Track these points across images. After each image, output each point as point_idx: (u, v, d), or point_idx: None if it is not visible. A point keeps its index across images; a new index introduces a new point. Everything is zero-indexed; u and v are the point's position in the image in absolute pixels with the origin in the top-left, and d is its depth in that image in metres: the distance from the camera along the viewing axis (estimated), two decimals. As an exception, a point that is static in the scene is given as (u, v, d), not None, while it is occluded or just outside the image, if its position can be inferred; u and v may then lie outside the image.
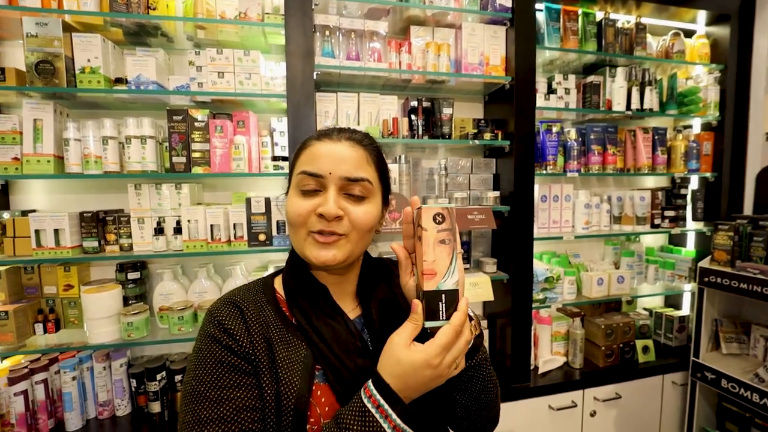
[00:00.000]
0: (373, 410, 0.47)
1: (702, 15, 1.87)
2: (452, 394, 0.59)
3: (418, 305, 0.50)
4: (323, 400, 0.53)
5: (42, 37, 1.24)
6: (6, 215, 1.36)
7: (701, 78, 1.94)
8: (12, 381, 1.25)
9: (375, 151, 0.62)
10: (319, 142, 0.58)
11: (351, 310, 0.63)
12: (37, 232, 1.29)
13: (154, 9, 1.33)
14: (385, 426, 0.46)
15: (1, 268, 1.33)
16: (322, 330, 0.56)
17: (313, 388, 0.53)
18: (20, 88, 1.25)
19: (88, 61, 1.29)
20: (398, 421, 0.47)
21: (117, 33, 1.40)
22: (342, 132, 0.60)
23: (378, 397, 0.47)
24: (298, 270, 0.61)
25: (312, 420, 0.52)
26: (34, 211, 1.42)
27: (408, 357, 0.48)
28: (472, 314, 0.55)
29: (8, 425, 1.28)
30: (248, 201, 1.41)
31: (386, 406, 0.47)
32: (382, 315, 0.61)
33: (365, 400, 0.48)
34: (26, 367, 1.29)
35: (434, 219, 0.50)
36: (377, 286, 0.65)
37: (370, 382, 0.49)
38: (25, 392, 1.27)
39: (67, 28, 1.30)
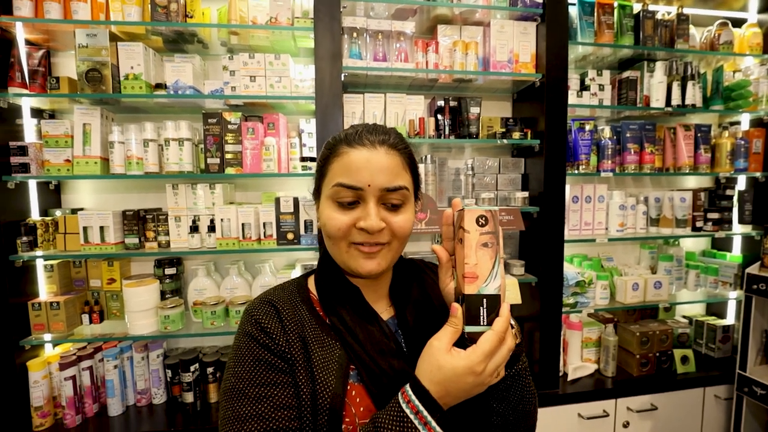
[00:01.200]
0: (411, 416, 0.46)
1: (754, 2, 1.75)
2: (489, 402, 0.58)
3: (457, 309, 0.49)
4: (358, 400, 0.53)
5: (92, 47, 1.33)
6: (58, 213, 1.46)
7: (751, 70, 1.80)
8: (63, 366, 1.35)
9: (408, 153, 0.59)
10: (352, 149, 0.55)
11: (384, 311, 0.63)
12: (84, 228, 1.39)
13: (192, 17, 1.40)
14: None
15: (54, 261, 1.44)
16: (356, 330, 0.56)
17: (348, 387, 0.53)
18: (72, 95, 1.35)
19: (132, 68, 1.37)
20: (437, 428, 0.46)
21: (157, 41, 1.48)
22: (374, 134, 0.56)
23: (417, 402, 0.47)
24: (331, 272, 0.61)
25: (347, 420, 0.52)
26: (82, 209, 1.52)
27: (450, 363, 0.47)
28: (512, 322, 0.54)
29: (59, 407, 1.38)
30: (277, 200, 1.45)
31: (425, 413, 0.46)
32: (416, 316, 0.61)
33: (403, 405, 0.47)
34: (74, 354, 1.39)
35: (477, 221, 0.49)
36: (410, 287, 0.64)
37: (408, 387, 0.48)
38: (73, 377, 1.36)
39: (113, 38, 1.39)
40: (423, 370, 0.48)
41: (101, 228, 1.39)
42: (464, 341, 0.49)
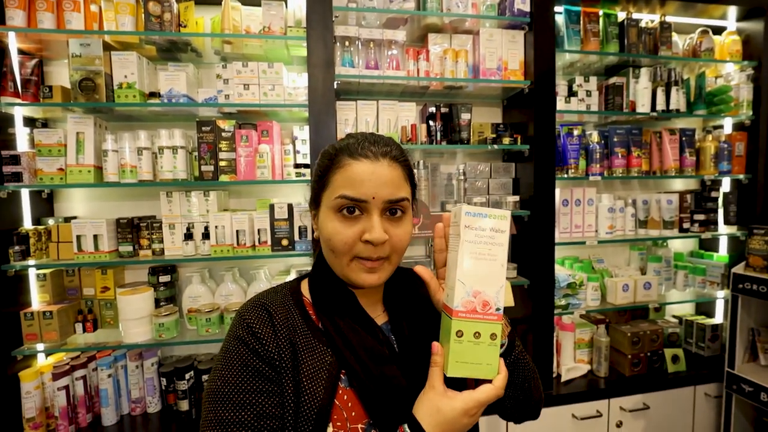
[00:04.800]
0: None
1: (732, 11, 1.80)
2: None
3: (437, 347, 0.52)
4: (350, 404, 0.54)
5: (85, 56, 1.34)
6: (51, 222, 1.46)
7: (732, 76, 1.86)
8: (56, 376, 1.34)
9: (408, 165, 0.60)
10: (356, 161, 0.55)
11: (377, 316, 0.63)
12: (78, 237, 1.39)
13: (185, 26, 1.41)
14: None
15: (46, 271, 1.43)
16: (349, 336, 0.56)
17: (339, 392, 0.54)
18: (66, 104, 1.35)
19: (125, 77, 1.38)
20: None
21: (151, 50, 1.49)
22: (377, 146, 0.57)
23: None
24: (326, 277, 0.61)
25: (339, 424, 0.53)
26: (75, 217, 1.52)
27: (449, 405, 0.50)
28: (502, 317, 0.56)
29: (52, 417, 1.36)
30: (272, 207, 1.46)
31: None
32: (410, 323, 0.62)
33: None
34: (67, 363, 1.38)
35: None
36: (404, 294, 0.66)
37: (406, 427, 0.50)
38: (66, 387, 1.35)
39: (107, 48, 1.39)
40: (422, 412, 0.51)
41: (95, 236, 1.39)
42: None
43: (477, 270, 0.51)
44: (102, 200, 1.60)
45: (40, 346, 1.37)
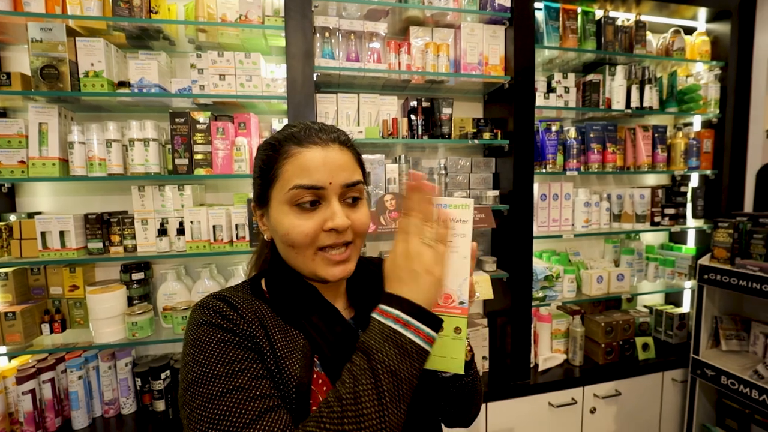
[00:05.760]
0: (392, 325, 0.47)
1: (702, 12, 1.87)
2: (439, 402, 0.65)
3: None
4: (324, 388, 0.52)
5: (46, 42, 1.26)
6: (12, 217, 1.38)
7: (702, 75, 1.93)
8: (20, 380, 1.27)
9: (356, 150, 0.60)
10: (305, 149, 0.53)
11: (342, 311, 0.62)
12: (42, 233, 1.32)
13: (156, 13, 1.35)
14: (404, 332, 0.46)
15: (8, 269, 1.36)
16: (318, 323, 0.55)
17: (314, 376, 0.52)
18: (25, 93, 1.27)
19: (92, 65, 1.30)
20: (413, 321, 0.47)
21: (120, 37, 1.42)
22: (324, 132, 0.55)
23: (386, 308, 0.47)
24: (284, 274, 0.59)
25: (315, 408, 0.51)
26: (39, 213, 1.44)
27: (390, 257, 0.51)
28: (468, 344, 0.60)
29: (17, 423, 1.30)
30: (249, 202, 1.42)
31: (389, 309, 0.47)
32: None
33: (379, 318, 0.48)
34: (33, 366, 1.32)
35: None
36: (367, 284, 0.65)
37: (376, 312, 0.49)
38: (32, 391, 1.29)
39: (71, 33, 1.31)
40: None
41: (61, 233, 1.33)
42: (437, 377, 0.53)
43: None
44: (69, 195, 1.53)
45: (2, 349, 1.30)
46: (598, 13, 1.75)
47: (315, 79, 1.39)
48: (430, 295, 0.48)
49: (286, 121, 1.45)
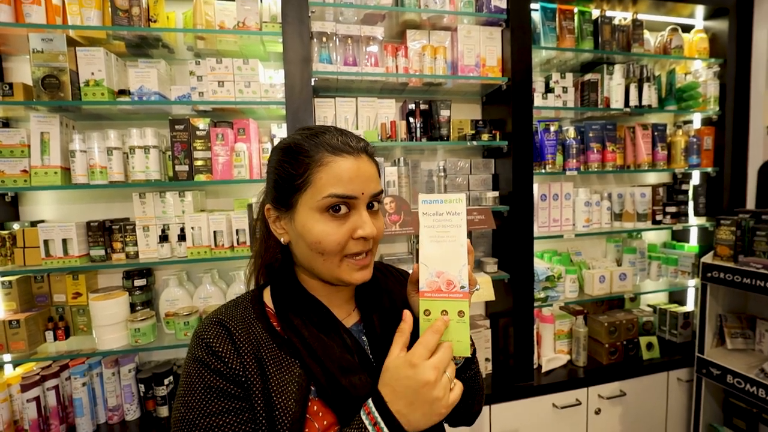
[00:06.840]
0: (367, 424, 0.49)
1: (700, 10, 1.86)
2: None
3: (407, 314, 0.54)
4: (320, 414, 0.53)
5: (48, 52, 1.27)
6: (16, 226, 1.39)
7: (700, 73, 1.93)
8: (24, 388, 1.28)
9: (375, 158, 0.62)
10: (339, 158, 0.54)
11: (347, 316, 0.63)
12: (45, 242, 1.33)
13: (155, 21, 1.36)
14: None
15: (12, 277, 1.37)
16: (315, 346, 0.54)
17: (309, 404, 0.53)
18: (27, 103, 1.29)
19: (92, 74, 1.32)
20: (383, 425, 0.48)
21: (119, 46, 1.43)
22: (354, 141, 0.57)
23: (373, 409, 0.49)
24: (288, 283, 0.60)
25: None
26: (42, 221, 1.45)
27: (392, 362, 0.50)
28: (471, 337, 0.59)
29: (22, 431, 1.31)
30: (250, 207, 1.43)
31: (377, 416, 0.48)
32: (383, 322, 0.62)
33: (363, 417, 0.49)
34: (38, 374, 1.33)
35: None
36: (375, 289, 0.65)
37: (370, 401, 0.50)
38: (37, 398, 1.30)
39: (72, 43, 1.33)
40: (384, 385, 0.51)
41: (64, 240, 1.34)
42: None
43: (437, 252, 0.54)
44: (71, 203, 1.54)
45: (6, 357, 1.31)
46: (595, 13, 1.75)
47: (313, 83, 1.40)
48: (410, 405, 0.49)
49: (285, 126, 1.45)
